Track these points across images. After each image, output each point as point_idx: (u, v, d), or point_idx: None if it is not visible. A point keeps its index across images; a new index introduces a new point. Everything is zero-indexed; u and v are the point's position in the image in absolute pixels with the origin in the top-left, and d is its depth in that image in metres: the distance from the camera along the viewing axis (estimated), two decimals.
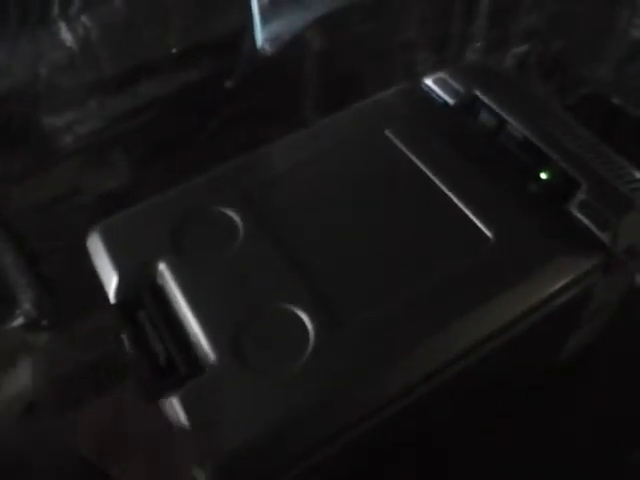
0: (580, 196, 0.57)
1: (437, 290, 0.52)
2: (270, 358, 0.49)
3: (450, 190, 0.58)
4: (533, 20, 1.02)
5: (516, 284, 0.53)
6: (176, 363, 0.49)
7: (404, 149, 0.62)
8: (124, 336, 0.51)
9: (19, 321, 0.87)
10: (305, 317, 0.50)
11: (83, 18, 0.71)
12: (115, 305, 0.54)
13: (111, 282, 0.55)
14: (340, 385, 0.48)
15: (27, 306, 0.86)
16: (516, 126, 0.62)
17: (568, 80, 1.06)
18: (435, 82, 0.68)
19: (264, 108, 0.88)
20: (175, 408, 0.47)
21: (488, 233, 0.55)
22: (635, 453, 0.70)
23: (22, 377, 0.82)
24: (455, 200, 0.58)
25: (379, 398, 0.49)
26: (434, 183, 0.59)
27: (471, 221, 0.56)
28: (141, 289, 0.54)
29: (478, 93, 0.65)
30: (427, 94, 0.68)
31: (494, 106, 0.64)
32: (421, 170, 0.60)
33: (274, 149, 0.66)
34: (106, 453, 0.71)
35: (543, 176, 0.59)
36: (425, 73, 0.70)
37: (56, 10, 0.69)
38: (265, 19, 0.75)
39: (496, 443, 0.67)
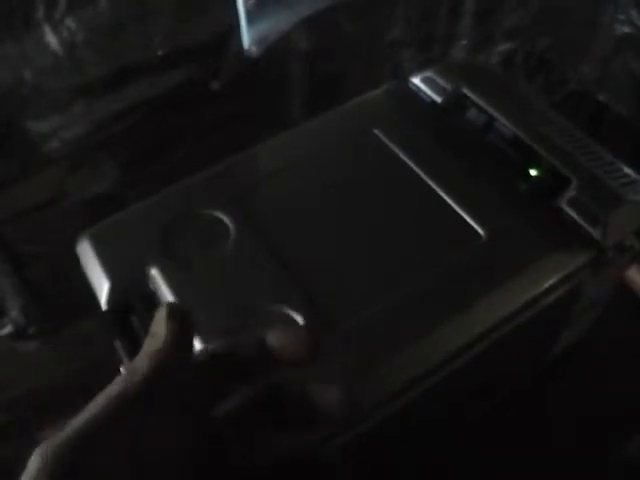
0: (570, 192, 0.57)
1: (430, 289, 0.52)
2: None
3: (440, 188, 0.58)
4: (518, 18, 1.02)
5: (508, 281, 0.53)
6: None
7: (393, 148, 0.62)
8: (117, 343, 0.51)
9: (7, 329, 0.86)
10: (298, 318, 0.50)
11: (68, 21, 0.70)
12: (107, 311, 0.54)
13: (102, 289, 0.54)
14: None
15: (15, 314, 0.86)
16: (505, 123, 0.62)
17: (553, 77, 1.06)
18: (423, 81, 0.68)
19: (251, 109, 0.88)
20: None
21: (480, 231, 0.55)
22: (624, 449, 0.70)
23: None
24: (446, 198, 0.58)
25: (372, 401, 0.48)
26: (424, 182, 0.59)
27: (462, 219, 0.56)
28: (133, 294, 0.54)
29: (466, 91, 0.65)
30: (415, 93, 0.68)
31: (482, 104, 0.64)
32: (411, 169, 0.60)
33: (263, 150, 0.66)
34: None
35: (533, 173, 0.59)
36: (412, 72, 0.70)
37: (41, 13, 0.69)
38: (251, 20, 0.75)
39: (485, 441, 0.67)
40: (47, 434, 0.69)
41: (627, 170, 0.60)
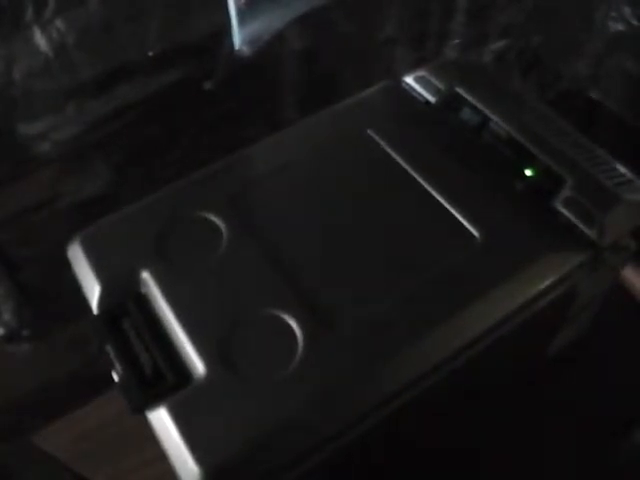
0: (565, 192, 0.57)
1: (426, 291, 0.52)
2: (259, 365, 0.48)
3: (435, 189, 0.58)
4: (511, 15, 1.02)
5: (504, 283, 0.53)
6: (163, 373, 0.48)
7: (387, 148, 0.62)
8: (108, 347, 0.50)
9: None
10: (293, 322, 0.50)
11: (57, 22, 0.69)
12: (98, 315, 0.53)
13: (94, 292, 0.54)
14: (329, 390, 0.48)
15: (7, 316, 0.85)
16: (499, 123, 0.62)
17: (547, 75, 1.06)
18: (416, 80, 0.68)
19: (245, 109, 0.88)
20: (164, 419, 0.46)
21: (475, 232, 0.55)
22: (623, 449, 0.70)
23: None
24: (440, 199, 0.57)
25: (370, 402, 0.48)
26: (418, 182, 0.59)
27: (457, 220, 0.56)
28: (125, 298, 0.53)
29: (460, 90, 0.65)
30: (408, 92, 0.68)
31: (476, 103, 0.64)
32: (405, 169, 0.60)
33: (256, 151, 0.65)
34: (89, 462, 0.70)
35: (528, 173, 0.59)
36: (405, 71, 0.69)
37: (30, 14, 0.68)
38: (243, 19, 0.75)
39: (484, 441, 0.67)
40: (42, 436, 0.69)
41: (622, 169, 0.59)
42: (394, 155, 0.61)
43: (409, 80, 0.68)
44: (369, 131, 0.63)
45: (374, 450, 0.56)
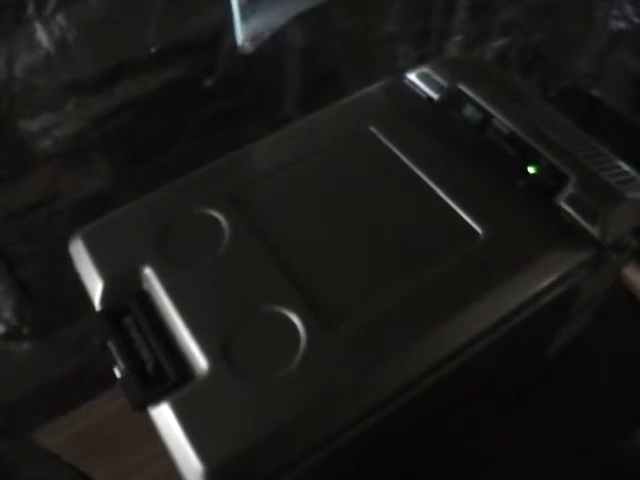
0: (568, 190, 0.57)
1: (429, 288, 0.52)
2: (261, 363, 0.48)
3: (438, 186, 0.58)
4: (513, 13, 1.01)
5: (507, 280, 0.53)
6: (165, 370, 0.48)
7: (390, 145, 0.62)
8: (110, 343, 0.50)
9: (0, 330, 0.85)
10: (295, 319, 0.50)
11: (59, 18, 0.69)
12: (100, 312, 0.53)
13: (96, 289, 0.54)
14: (332, 389, 0.48)
15: (7, 314, 0.85)
16: (502, 120, 0.62)
17: (548, 73, 1.06)
18: (419, 77, 0.68)
19: (246, 106, 0.88)
20: (166, 416, 0.46)
21: (478, 229, 0.55)
22: (623, 449, 0.70)
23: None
24: (443, 196, 0.57)
25: (372, 401, 0.48)
26: (421, 179, 0.59)
27: (460, 217, 0.56)
28: (127, 295, 0.53)
29: (462, 87, 0.65)
30: (411, 89, 0.68)
31: (479, 100, 0.63)
32: (408, 166, 0.60)
33: (258, 148, 0.65)
34: (90, 459, 0.70)
35: (530, 170, 0.59)
36: (406, 68, 0.69)
37: (31, 10, 0.68)
38: (245, 16, 0.75)
39: (485, 441, 0.67)
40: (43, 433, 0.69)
41: (625, 167, 0.59)
42: (396, 152, 0.61)
43: (411, 77, 0.68)
44: (371, 128, 0.63)
45: (374, 449, 0.56)
